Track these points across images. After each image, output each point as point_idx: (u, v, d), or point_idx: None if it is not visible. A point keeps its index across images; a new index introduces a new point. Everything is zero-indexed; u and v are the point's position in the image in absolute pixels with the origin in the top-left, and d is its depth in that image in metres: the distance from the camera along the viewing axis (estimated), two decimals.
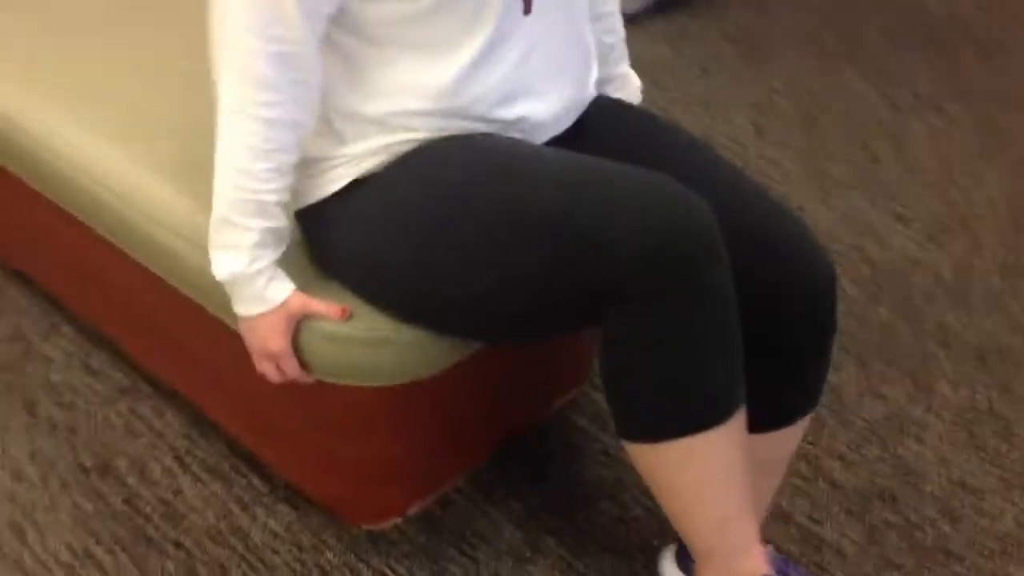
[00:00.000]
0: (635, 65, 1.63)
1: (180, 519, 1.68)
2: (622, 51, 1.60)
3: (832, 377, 1.91)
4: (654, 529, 1.63)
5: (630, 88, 1.63)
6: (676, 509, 1.27)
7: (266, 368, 1.38)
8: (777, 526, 1.68)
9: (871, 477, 1.76)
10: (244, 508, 1.70)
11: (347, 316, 1.35)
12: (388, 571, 1.62)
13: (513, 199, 1.21)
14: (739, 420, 1.23)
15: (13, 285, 2.06)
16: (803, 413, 1.40)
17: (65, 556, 1.63)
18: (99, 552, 1.63)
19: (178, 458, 1.77)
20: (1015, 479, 1.77)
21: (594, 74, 1.45)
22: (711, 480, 1.24)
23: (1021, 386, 1.92)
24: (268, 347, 1.35)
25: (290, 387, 1.40)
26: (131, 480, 1.74)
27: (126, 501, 1.71)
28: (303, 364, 1.38)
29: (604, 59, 1.56)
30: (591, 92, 1.45)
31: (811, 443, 1.81)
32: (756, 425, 1.36)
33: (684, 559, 1.49)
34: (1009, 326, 2.04)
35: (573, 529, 1.67)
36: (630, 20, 1.65)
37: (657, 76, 2.71)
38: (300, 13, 1.20)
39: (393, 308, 1.35)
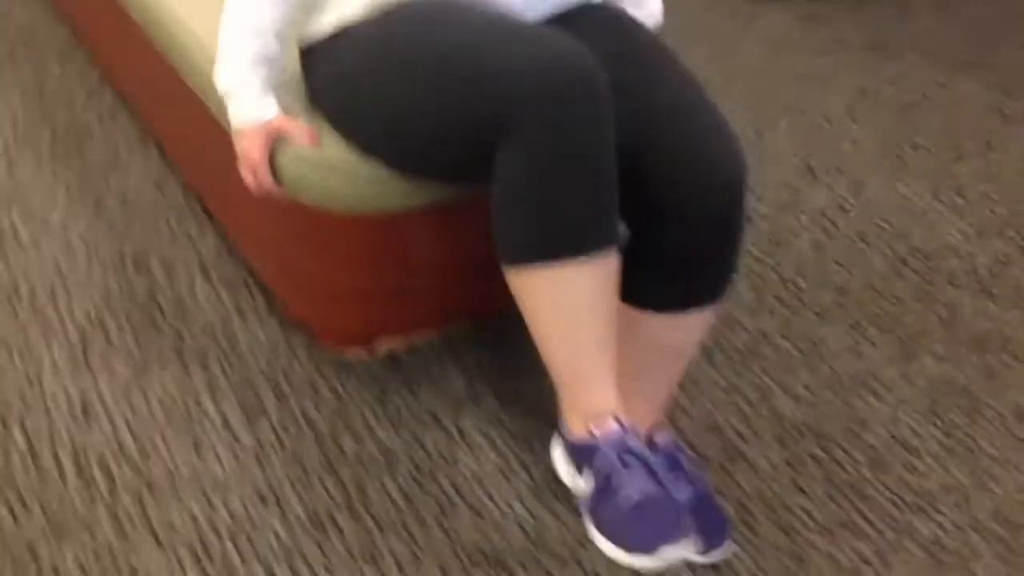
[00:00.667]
0: (760, 36, 1.72)
1: (185, 313, 1.91)
2: None
3: (820, 328, 1.97)
4: None
5: (647, 8, 1.73)
6: (538, 338, 1.39)
7: (247, 177, 1.58)
8: (704, 434, 1.77)
9: (816, 417, 1.82)
10: (242, 317, 1.91)
11: (316, 141, 1.53)
12: (340, 389, 1.79)
13: (433, 39, 1.37)
14: (603, 261, 1.33)
15: (122, 109, 2.36)
16: (697, 304, 1.49)
17: (81, 319, 1.88)
18: (110, 323, 1.88)
19: (203, 268, 2.00)
20: (959, 450, 1.78)
21: None
22: (568, 312, 1.35)
23: (1009, 377, 1.92)
24: (249, 156, 1.55)
25: (276, 207, 1.59)
26: (158, 276, 1.98)
27: (147, 290, 1.95)
28: (278, 181, 1.57)
29: None
30: None
31: (769, 376, 1.87)
32: (652, 304, 1.47)
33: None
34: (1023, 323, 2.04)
35: (513, 392, 1.80)
36: None
37: (776, 49, 2.78)
38: None
39: (351, 140, 1.52)
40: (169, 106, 2.05)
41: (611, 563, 1.34)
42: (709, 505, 1.60)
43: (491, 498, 1.64)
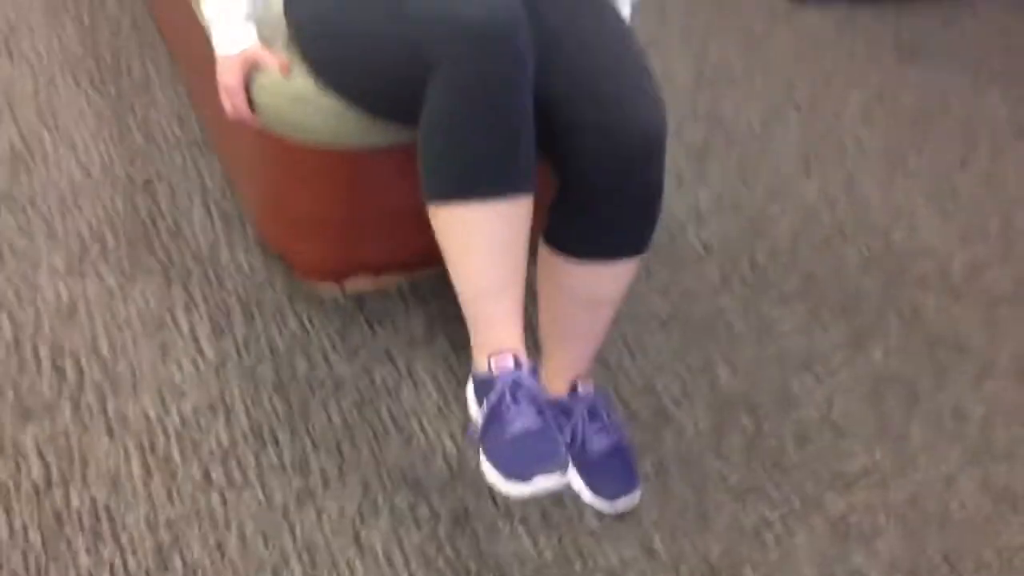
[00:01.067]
0: (793, 35, 1.78)
1: (178, 238, 2.05)
2: None
3: (776, 309, 2.04)
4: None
5: None
6: (450, 273, 1.49)
7: (224, 101, 1.71)
8: (640, 394, 1.85)
9: (751, 390, 1.89)
10: (230, 246, 2.05)
11: (287, 71, 1.65)
12: (305, 319, 1.92)
13: None
14: (512, 204, 1.42)
15: (161, 45, 2.51)
16: (617, 255, 1.57)
17: (84, 230, 2.04)
18: (108, 236, 2.03)
19: (204, 199, 2.14)
20: (887, 438, 1.84)
21: None
22: (476, 251, 1.44)
23: (956, 376, 1.96)
24: (226, 81, 1.67)
25: (255, 138, 1.72)
26: (162, 200, 2.13)
27: (149, 212, 2.10)
28: (253, 109, 1.69)
29: None
30: None
31: (717, 348, 1.95)
32: (574, 252, 1.56)
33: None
34: (987, 331, 2.07)
35: (466, 339, 1.89)
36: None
37: (806, 48, 2.83)
38: None
39: (317, 74, 1.64)
40: (184, 38, 2.18)
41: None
42: (623, 457, 1.69)
43: (423, 430, 1.75)
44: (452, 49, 1.38)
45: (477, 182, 1.41)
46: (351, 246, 1.88)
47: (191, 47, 2.12)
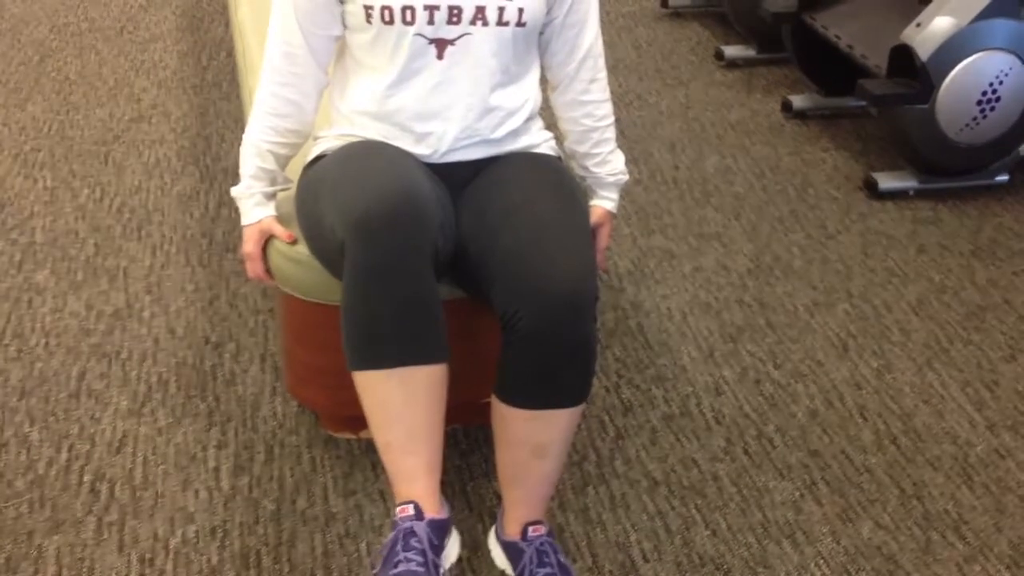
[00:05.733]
0: (864, 230, 2.02)
1: (230, 388, 2.31)
2: (604, 135, 1.98)
3: (772, 481, 2.09)
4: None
5: (610, 166, 2.01)
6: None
7: (247, 265, 1.98)
8: (610, 547, 1.93)
9: (725, 554, 1.93)
10: (272, 397, 2.29)
11: (292, 240, 1.92)
12: (316, 462, 2.12)
13: (342, 170, 1.74)
14: (410, 372, 1.63)
15: None
16: (553, 405, 1.70)
17: (153, 379, 2.32)
18: (172, 386, 2.31)
19: (262, 358, 2.41)
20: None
21: (507, 129, 1.87)
22: (377, 410, 1.67)
23: (945, 556, 1.95)
24: (247, 247, 1.95)
25: (277, 299, 1.98)
26: (226, 357, 2.40)
27: (212, 367, 2.37)
28: (270, 273, 1.96)
29: (585, 138, 1.99)
30: (502, 142, 1.88)
31: (700, 512, 2.01)
32: (514, 401, 1.72)
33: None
34: (991, 517, 2.05)
35: (460, 490, 2.05)
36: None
37: (873, 243, 2.92)
38: (300, 30, 1.82)
39: (305, 241, 1.90)
40: None
41: None
42: None
43: None
44: (346, 237, 1.62)
45: (376, 355, 1.64)
46: (356, 398, 2.07)
47: None
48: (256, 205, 1.92)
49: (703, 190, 3.19)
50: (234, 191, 1.93)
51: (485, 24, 1.78)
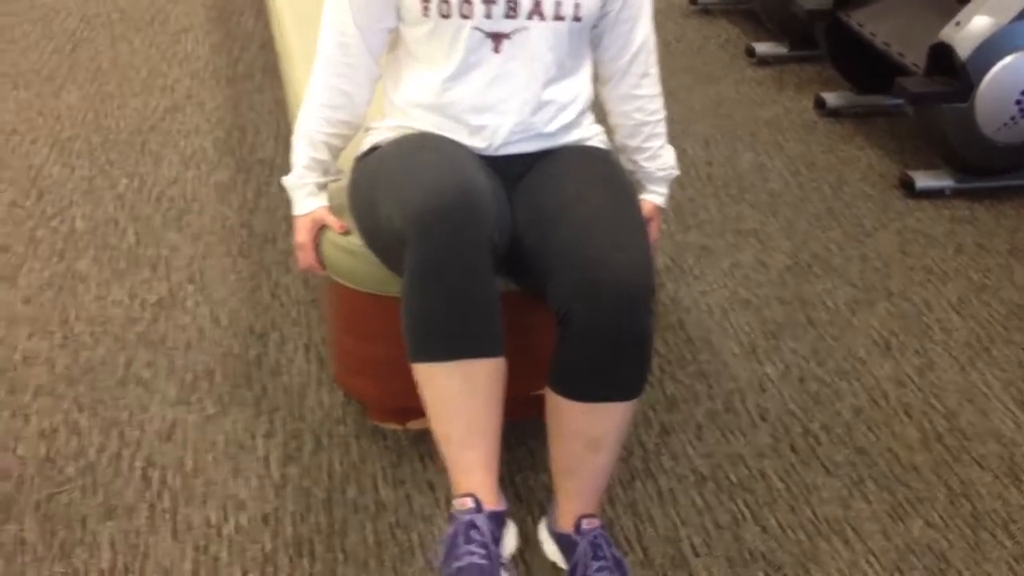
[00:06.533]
0: (902, 229, 2.14)
1: (275, 377, 2.32)
2: (655, 129, 1.99)
3: (820, 478, 2.10)
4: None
5: (660, 160, 2.02)
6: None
7: (298, 255, 1.99)
8: (660, 542, 1.93)
9: (775, 550, 1.94)
10: (318, 388, 2.30)
11: (344, 231, 1.92)
12: (365, 453, 2.12)
13: (400, 162, 1.75)
14: (468, 365, 1.64)
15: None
16: (608, 399, 1.71)
17: (199, 367, 2.33)
18: (217, 374, 2.32)
19: (307, 348, 2.41)
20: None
21: (561, 123, 1.87)
22: (437, 403, 1.68)
23: (994, 555, 1.95)
24: (299, 237, 1.96)
25: (325, 286, 1.98)
26: (271, 346, 2.41)
27: (256, 356, 2.38)
28: (321, 263, 1.96)
29: (637, 132, 1.99)
30: (555, 135, 1.88)
31: (749, 508, 2.02)
32: (569, 394, 1.72)
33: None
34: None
35: (508, 482, 2.06)
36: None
37: (912, 242, 2.92)
38: (354, 22, 1.83)
39: (359, 231, 1.91)
40: None
41: None
42: None
43: None
44: (407, 231, 1.63)
45: (434, 347, 1.65)
46: (405, 388, 2.08)
47: None
48: (308, 195, 1.93)
49: (738, 187, 3.19)
50: (286, 181, 1.94)
51: (542, 18, 1.79)
